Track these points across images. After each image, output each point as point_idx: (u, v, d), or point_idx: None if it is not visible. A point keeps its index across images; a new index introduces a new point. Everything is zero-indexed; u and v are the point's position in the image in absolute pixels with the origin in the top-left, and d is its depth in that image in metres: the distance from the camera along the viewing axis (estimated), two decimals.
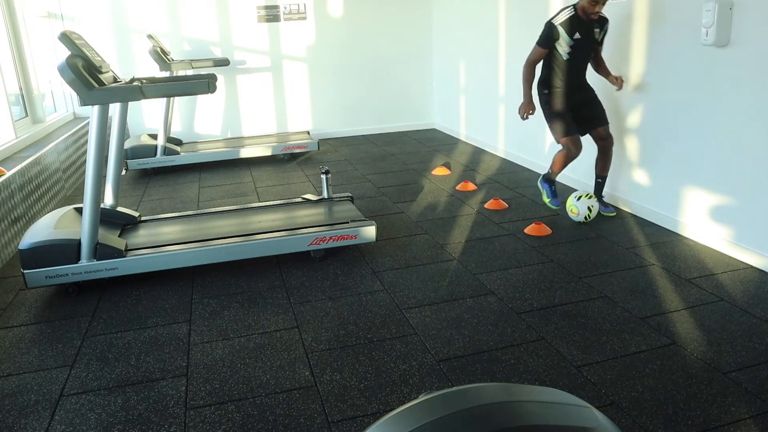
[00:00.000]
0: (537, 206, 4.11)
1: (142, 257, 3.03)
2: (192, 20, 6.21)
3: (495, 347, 2.40)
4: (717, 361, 2.25)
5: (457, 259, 3.28)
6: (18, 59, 5.06)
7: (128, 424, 2.02)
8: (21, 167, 3.82)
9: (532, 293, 2.86)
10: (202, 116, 6.53)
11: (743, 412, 1.97)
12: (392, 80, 7.01)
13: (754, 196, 3.01)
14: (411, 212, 4.12)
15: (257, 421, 2.01)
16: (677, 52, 3.36)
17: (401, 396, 2.12)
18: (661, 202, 3.65)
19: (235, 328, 2.63)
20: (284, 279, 3.12)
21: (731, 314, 2.59)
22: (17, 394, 2.21)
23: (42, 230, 3.02)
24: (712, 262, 3.12)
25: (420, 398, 0.97)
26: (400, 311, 2.73)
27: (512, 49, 5.23)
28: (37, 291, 3.05)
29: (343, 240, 3.28)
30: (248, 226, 3.44)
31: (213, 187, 5.03)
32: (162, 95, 2.97)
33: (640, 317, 2.60)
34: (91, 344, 2.54)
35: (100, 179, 2.95)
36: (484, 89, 5.85)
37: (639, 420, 1.95)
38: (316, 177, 5.17)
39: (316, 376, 2.26)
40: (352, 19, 6.66)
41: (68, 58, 2.75)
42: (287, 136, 6.27)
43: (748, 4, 2.90)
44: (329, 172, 3.79)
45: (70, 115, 5.97)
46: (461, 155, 5.80)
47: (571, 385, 2.14)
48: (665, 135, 3.54)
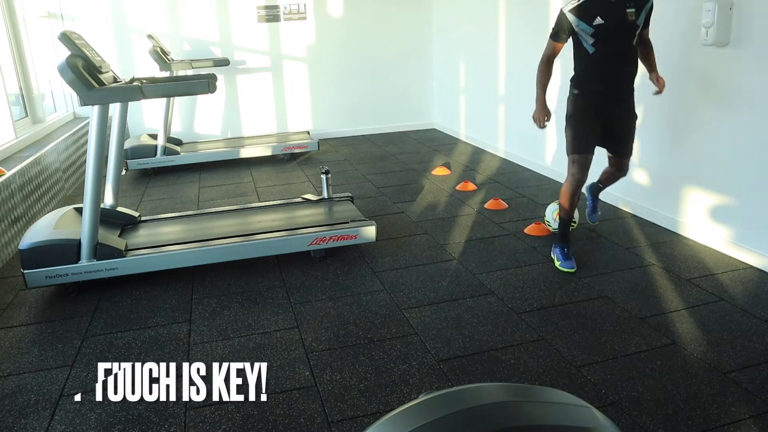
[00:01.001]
0: (537, 206, 4.11)
1: (142, 257, 3.03)
2: (192, 20, 6.21)
3: (495, 347, 2.40)
4: (717, 361, 2.25)
5: (457, 259, 3.28)
6: (18, 59, 5.06)
7: (128, 424, 2.02)
8: (21, 167, 3.82)
9: (532, 293, 2.86)
10: (202, 116, 6.53)
11: (743, 412, 1.97)
12: (392, 80, 7.00)
13: (754, 196, 3.01)
14: (411, 212, 4.12)
15: (257, 421, 2.01)
16: (677, 52, 3.36)
17: (401, 396, 2.12)
18: (661, 202, 3.65)
19: (235, 328, 2.63)
20: (284, 279, 3.12)
21: (731, 314, 2.59)
22: (17, 394, 2.21)
23: (42, 230, 3.02)
24: (712, 262, 3.12)
25: (420, 398, 0.97)
26: (400, 311, 2.73)
27: (512, 48, 5.23)
28: (37, 291, 3.05)
29: (343, 240, 3.28)
30: (248, 226, 3.44)
31: (213, 187, 5.03)
32: (162, 95, 2.97)
33: (640, 317, 2.60)
34: (91, 344, 2.54)
35: (100, 179, 2.95)
36: (484, 89, 5.85)
37: (639, 420, 1.95)
38: (316, 177, 5.17)
39: (316, 376, 2.26)
40: (352, 19, 6.66)
41: (68, 58, 2.75)
42: (287, 136, 6.27)
43: (747, 4, 2.90)
44: (329, 172, 3.79)
45: (70, 115, 5.97)
46: (461, 155, 5.80)
47: (571, 385, 2.14)
48: (665, 135, 3.54)
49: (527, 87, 5.05)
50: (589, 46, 2.88)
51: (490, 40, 5.56)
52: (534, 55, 4.78)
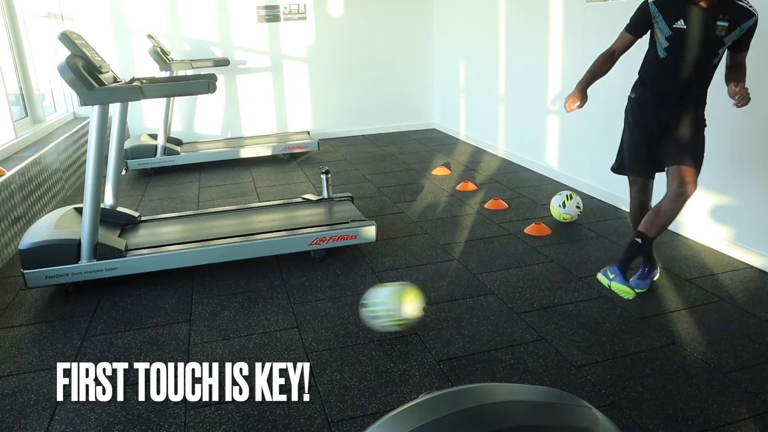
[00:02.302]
0: (537, 206, 4.11)
1: (142, 257, 3.03)
2: (192, 20, 6.21)
3: (495, 347, 2.40)
4: (717, 361, 2.25)
5: (457, 259, 3.28)
6: (18, 59, 5.06)
7: (128, 424, 2.02)
8: (21, 167, 3.82)
9: (532, 293, 2.86)
10: (202, 116, 6.53)
11: (743, 412, 1.97)
12: (392, 80, 7.00)
13: (754, 196, 3.01)
14: (411, 212, 4.12)
15: (257, 421, 2.01)
16: None
17: (401, 396, 2.12)
18: None
19: (235, 328, 2.63)
20: (284, 279, 3.12)
21: (731, 314, 2.59)
22: (17, 394, 2.21)
23: (42, 230, 3.02)
24: (712, 262, 3.12)
25: (420, 398, 0.97)
26: None
27: (512, 48, 5.23)
28: (37, 291, 3.05)
29: (343, 240, 3.28)
30: (248, 226, 3.44)
31: (213, 187, 5.03)
32: (162, 95, 2.97)
33: (640, 317, 2.60)
34: (91, 344, 2.54)
35: (100, 179, 2.95)
36: (484, 89, 5.85)
37: (639, 420, 1.95)
38: (316, 177, 5.17)
39: (316, 376, 2.26)
40: (352, 19, 6.66)
41: (68, 58, 2.75)
42: (287, 136, 6.26)
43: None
44: (329, 172, 3.79)
45: (70, 115, 5.97)
46: (461, 155, 5.80)
47: (571, 385, 2.14)
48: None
49: (527, 87, 5.06)
50: (662, 49, 2.50)
51: (490, 40, 5.56)
52: (534, 55, 4.81)
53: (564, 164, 4.63)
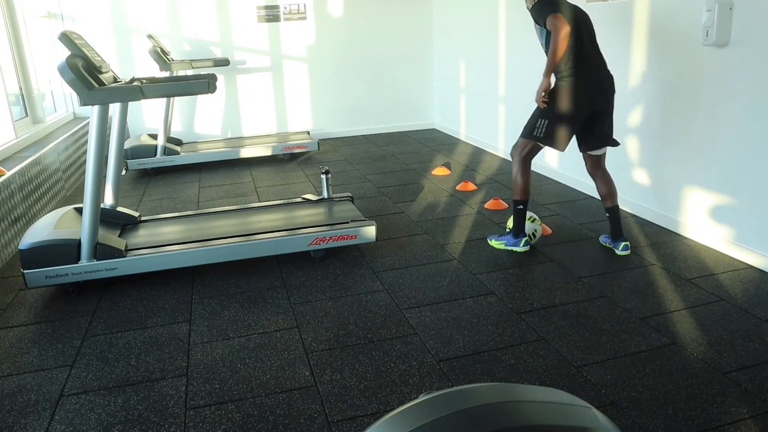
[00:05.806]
0: (537, 206, 4.11)
1: (142, 257, 3.03)
2: (192, 20, 6.21)
3: (495, 347, 2.40)
4: (717, 361, 2.25)
5: (457, 259, 3.28)
6: (18, 59, 5.06)
7: (128, 424, 2.02)
8: (21, 167, 3.82)
9: (532, 293, 2.86)
10: (202, 116, 6.53)
11: (743, 412, 1.97)
12: (392, 80, 7.00)
13: (754, 196, 3.01)
14: (411, 212, 4.12)
15: (257, 421, 2.01)
16: (677, 51, 3.36)
17: (401, 396, 2.12)
18: (661, 202, 3.65)
19: (235, 328, 2.63)
20: (284, 279, 3.12)
21: (731, 314, 2.59)
22: (17, 394, 2.21)
23: (42, 230, 3.02)
24: (712, 262, 3.12)
25: (420, 398, 0.97)
26: (400, 311, 2.73)
27: (512, 48, 5.23)
28: (37, 291, 3.05)
29: (343, 240, 3.28)
30: (248, 226, 3.44)
31: (213, 187, 5.03)
32: (162, 95, 2.97)
33: (640, 317, 2.60)
34: (91, 344, 2.54)
35: (100, 179, 2.95)
36: (484, 89, 5.85)
37: (639, 420, 1.95)
38: (316, 177, 5.17)
39: (316, 376, 2.26)
40: (352, 19, 6.66)
41: (68, 58, 2.75)
42: (287, 136, 6.27)
43: (748, 4, 2.90)
44: (329, 172, 3.79)
45: (70, 115, 5.97)
46: (461, 155, 5.80)
47: (571, 385, 2.14)
48: (665, 135, 3.54)
49: (527, 87, 5.06)
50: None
51: (490, 40, 5.56)
52: (534, 54, 4.81)
53: (564, 164, 4.63)
